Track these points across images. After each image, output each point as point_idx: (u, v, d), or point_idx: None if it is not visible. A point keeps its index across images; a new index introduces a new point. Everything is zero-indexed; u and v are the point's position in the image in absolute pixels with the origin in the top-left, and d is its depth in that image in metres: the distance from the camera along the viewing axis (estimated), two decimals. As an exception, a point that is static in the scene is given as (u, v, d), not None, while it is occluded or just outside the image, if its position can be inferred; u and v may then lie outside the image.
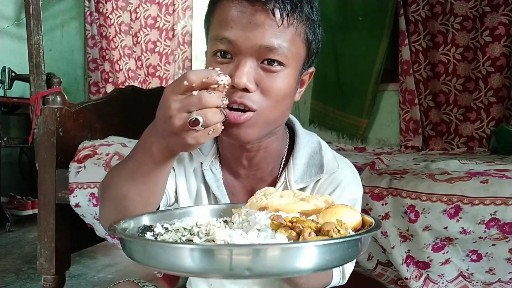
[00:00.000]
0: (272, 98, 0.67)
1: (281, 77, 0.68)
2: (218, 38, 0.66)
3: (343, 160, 0.83)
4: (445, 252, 1.11)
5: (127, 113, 1.83)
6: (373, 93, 2.76)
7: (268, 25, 0.64)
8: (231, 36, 0.65)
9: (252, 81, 0.65)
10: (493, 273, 1.10)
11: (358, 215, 0.55)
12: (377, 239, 1.17)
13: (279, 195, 0.58)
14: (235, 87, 0.64)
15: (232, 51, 0.66)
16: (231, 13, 0.65)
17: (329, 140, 2.81)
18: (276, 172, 0.80)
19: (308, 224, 0.48)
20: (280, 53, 0.66)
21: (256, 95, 0.66)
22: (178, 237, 0.51)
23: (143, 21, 3.40)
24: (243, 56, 0.65)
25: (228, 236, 0.46)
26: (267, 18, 0.64)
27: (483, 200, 1.05)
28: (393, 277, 1.23)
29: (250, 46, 0.65)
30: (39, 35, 1.53)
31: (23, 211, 3.29)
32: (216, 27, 0.68)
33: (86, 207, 1.44)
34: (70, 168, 1.48)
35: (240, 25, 0.65)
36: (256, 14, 0.64)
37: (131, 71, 3.48)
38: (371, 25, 2.72)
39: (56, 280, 1.53)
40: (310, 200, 0.57)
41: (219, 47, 0.66)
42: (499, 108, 2.43)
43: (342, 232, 0.47)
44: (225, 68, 0.66)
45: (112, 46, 3.53)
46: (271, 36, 0.65)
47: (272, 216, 0.51)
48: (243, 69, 0.64)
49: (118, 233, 0.49)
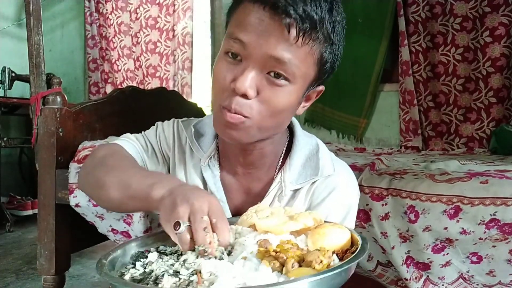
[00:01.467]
0: (269, 110, 0.67)
1: (284, 92, 0.67)
2: (232, 36, 0.66)
3: (340, 164, 0.83)
4: (445, 254, 1.11)
5: (127, 113, 1.83)
6: (373, 93, 2.76)
7: (282, 39, 0.64)
8: (245, 38, 0.65)
9: (253, 88, 0.65)
10: (493, 275, 1.10)
11: (347, 233, 0.56)
12: (377, 240, 1.17)
13: (269, 212, 0.60)
14: (236, 91, 0.65)
15: (242, 54, 0.66)
16: (249, 17, 0.65)
17: (328, 140, 2.81)
18: (273, 172, 0.81)
19: (292, 254, 0.49)
20: (288, 68, 0.65)
21: (253, 103, 0.66)
22: (165, 268, 0.52)
23: (143, 21, 3.41)
24: (251, 61, 0.65)
25: (214, 267, 0.48)
26: (282, 33, 0.64)
27: (483, 201, 1.05)
28: (393, 278, 1.23)
29: (260, 53, 0.64)
30: (39, 35, 1.53)
31: (23, 211, 3.29)
32: (233, 25, 0.68)
33: (86, 207, 1.44)
34: (70, 168, 1.48)
35: (255, 31, 0.64)
36: (273, 26, 0.63)
37: (130, 71, 3.49)
38: (371, 25, 2.73)
39: (56, 280, 1.53)
40: (298, 218, 0.58)
41: (231, 46, 0.66)
42: (499, 109, 2.44)
43: (324, 262, 0.48)
44: (232, 69, 0.67)
45: (112, 46, 3.53)
46: (282, 49, 0.64)
47: (259, 241, 0.53)
48: (247, 75, 0.65)
49: (103, 273, 0.51)
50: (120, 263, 0.57)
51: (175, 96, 2.37)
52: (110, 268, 0.54)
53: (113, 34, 3.52)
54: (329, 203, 0.77)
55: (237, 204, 0.82)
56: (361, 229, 1.18)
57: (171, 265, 0.53)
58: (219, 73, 0.68)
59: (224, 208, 0.79)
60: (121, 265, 0.57)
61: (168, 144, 0.85)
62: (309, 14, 0.63)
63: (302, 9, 0.63)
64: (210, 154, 0.81)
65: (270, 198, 0.79)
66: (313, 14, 0.64)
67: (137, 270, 0.54)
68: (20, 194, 3.55)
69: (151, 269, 0.53)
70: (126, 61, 3.50)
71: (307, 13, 0.63)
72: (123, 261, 0.58)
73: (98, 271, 0.51)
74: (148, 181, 0.64)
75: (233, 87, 0.65)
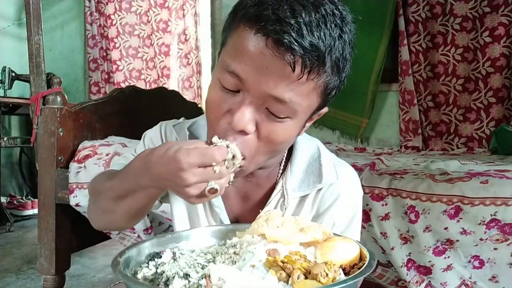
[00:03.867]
0: (267, 145, 0.63)
1: (284, 127, 0.62)
2: (228, 68, 0.60)
3: (343, 167, 0.80)
4: (446, 257, 1.10)
5: (127, 113, 1.83)
6: (373, 93, 2.76)
7: (284, 77, 0.57)
8: (242, 74, 0.58)
9: (252, 123, 0.60)
10: (496, 281, 1.09)
11: (356, 248, 0.56)
12: (377, 240, 1.17)
13: (280, 222, 0.60)
14: (232, 126, 0.60)
15: (239, 86, 0.60)
16: (249, 48, 0.57)
17: (329, 140, 2.81)
18: (273, 178, 0.78)
19: (298, 266, 0.49)
20: (289, 107, 0.59)
21: (251, 139, 0.61)
22: (176, 269, 0.54)
23: (154, 24, 3.48)
24: (249, 96, 0.59)
25: (223, 273, 0.48)
26: (285, 69, 0.56)
27: (483, 201, 1.05)
28: (394, 278, 1.23)
29: (258, 91, 0.58)
30: (39, 35, 1.53)
31: (23, 211, 3.29)
32: (230, 53, 0.61)
33: (86, 207, 1.44)
34: (70, 168, 1.48)
35: (255, 65, 0.57)
36: (274, 63, 0.56)
37: (136, 70, 3.53)
38: (371, 25, 2.72)
39: (56, 280, 1.53)
40: (308, 231, 0.58)
41: (226, 80, 0.60)
42: (499, 109, 2.43)
43: (330, 276, 0.48)
44: (227, 99, 0.61)
45: (113, 46, 3.54)
46: (283, 89, 0.58)
47: (268, 251, 0.53)
48: (245, 110, 0.59)
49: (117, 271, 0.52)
50: (134, 262, 0.57)
51: (175, 96, 2.37)
52: (125, 266, 0.54)
53: (115, 34, 3.54)
54: (335, 210, 0.76)
55: (235, 211, 0.79)
56: (361, 229, 1.18)
57: (184, 267, 0.54)
58: (212, 101, 0.63)
59: (222, 215, 0.77)
60: (136, 263, 0.57)
61: None
62: (317, 47, 0.56)
63: (308, 42, 0.55)
64: None
65: (271, 206, 0.76)
66: (321, 46, 0.56)
67: (150, 270, 0.55)
68: (20, 194, 3.55)
69: (163, 270, 0.54)
70: (131, 61, 3.54)
71: (314, 47, 0.56)
72: (138, 259, 0.58)
73: (113, 268, 0.52)
74: (132, 180, 0.63)
75: (229, 121, 0.60)
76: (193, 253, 0.61)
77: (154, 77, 3.52)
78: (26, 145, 3.51)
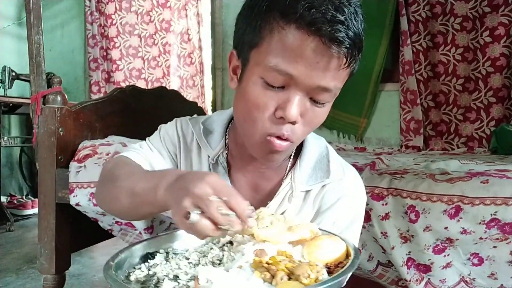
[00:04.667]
0: (311, 128, 0.71)
1: (323, 111, 0.69)
2: (277, 69, 0.63)
3: (349, 168, 0.84)
4: (446, 255, 1.10)
5: (127, 113, 1.83)
6: (373, 93, 2.76)
7: (332, 68, 0.63)
8: (294, 72, 0.62)
9: (299, 113, 0.66)
10: (495, 278, 1.09)
11: (342, 246, 0.57)
12: (377, 239, 1.17)
13: (269, 222, 0.62)
14: (284, 119, 0.65)
15: (287, 83, 0.64)
16: (302, 48, 0.61)
17: (329, 140, 2.80)
18: (283, 172, 0.81)
19: (282, 267, 0.51)
20: (332, 93, 0.66)
21: (299, 127, 0.68)
22: (167, 271, 0.55)
23: (157, 24, 3.52)
24: (298, 90, 0.64)
25: (210, 275, 0.50)
26: (335, 62, 0.63)
27: (483, 200, 1.05)
28: (394, 278, 1.23)
29: (308, 84, 0.64)
30: (40, 34, 1.53)
31: (23, 211, 3.29)
32: (274, 55, 0.63)
33: (87, 206, 1.44)
34: (70, 167, 1.48)
35: (307, 63, 0.62)
36: (327, 57, 0.62)
37: (136, 70, 3.56)
38: (371, 25, 2.70)
39: (56, 279, 1.53)
40: (296, 230, 0.60)
41: (275, 78, 0.64)
42: (499, 108, 2.44)
43: (312, 277, 0.49)
44: (274, 96, 0.65)
45: (113, 45, 3.54)
46: (330, 79, 0.64)
47: (256, 251, 0.55)
48: (295, 103, 0.64)
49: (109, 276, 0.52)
50: (128, 264, 0.58)
51: (175, 96, 2.37)
52: (117, 268, 0.55)
53: (116, 34, 3.55)
54: (337, 209, 0.77)
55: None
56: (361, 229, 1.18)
57: (176, 268, 0.55)
58: (259, 100, 0.66)
59: None
60: (129, 265, 0.58)
61: (174, 144, 0.85)
62: (358, 37, 0.63)
63: (353, 33, 0.62)
64: (219, 151, 0.81)
65: (280, 198, 0.78)
66: (359, 36, 0.63)
67: (142, 272, 0.56)
68: (20, 194, 3.56)
69: (155, 271, 0.55)
70: (131, 61, 3.56)
71: (358, 38, 0.63)
72: (132, 261, 0.59)
73: (104, 273, 0.53)
74: (150, 185, 0.62)
75: (281, 115, 0.65)
76: (187, 252, 0.62)
77: (157, 76, 3.56)
78: (26, 144, 3.51)
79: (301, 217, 0.78)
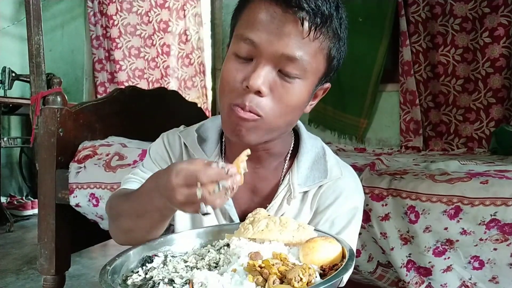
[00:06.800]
0: (282, 107, 0.68)
1: (296, 88, 0.67)
2: (242, 37, 0.66)
3: (346, 167, 0.84)
4: (446, 258, 1.10)
5: (127, 113, 1.83)
6: (373, 93, 2.76)
7: (294, 35, 0.64)
8: (255, 38, 0.65)
9: (266, 85, 0.65)
10: (496, 282, 1.08)
11: (337, 248, 0.58)
12: (377, 240, 1.17)
13: (265, 225, 0.63)
14: (249, 88, 0.65)
15: (253, 53, 0.66)
16: (260, 15, 0.65)
17: (329, 140, 2.81)
18: (280, 173, 0.81)
19: (275, 270, 0.51)
20: (300, 65, 0.66)
21: (266, 101, 0.66)
22: (164, 274, 0.56)
23: (155, 25, 3.51)
24: (263, 59, 0.65)
25: (205, 279, 0.51)
26: (295, 27, 0.64)
27: (483, 201, 1.05)
28: (394, 279, 1.23)
29: (271, 52, 0.64)
30: (40, 35, 1.53)
31: (23, 211, 3.29)
32: (242, 26, 0.68)
33: (86, 207, 1.44)
34: (70, 168, 1.48)
35: (266, 29, 0.64)
36: (285, 22, 0.64)
37: (138, 70, 3.56)
38: (371, 25, 2.73)
39: (56, 280, 1.53)
40: (288, 230, 0.61)
41: (241, 47, 0.66)
42: (499, 109, 2.44)
43: (304, 280, 0.49)
44: (242, 68, 0.67)
45: (115, 46, 3.54)
46: (294, 47, 0.64)
47: (250, 254, 0.56)
48: (260, 72, 0.65)
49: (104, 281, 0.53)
50: (126, 267, 0.59)
51: (175, 97, 2.37)
52: (114, 272, 0.56)
53: (118, 35, 3.56)
54: (335, 208, 0.78)
55: (243, 205, 0.81)
56: (361, 230, 1.18)
57: (172, 271, 0.56)
58: (228, 73, 0.68)
59: (232, 212, 0.79)
60: (127, 269, 0.59)
61: (165, 161, 0.85)
62: (321, 8, 0.64)
63: (314, 3, 0.63)
64: (215, 158, 0.81)
65: (279, 200, 0.78)
66: (324, 9, 0.64)
67: (139, 276, 0.57)
68: (20, 194, 3.55)
69: (151, 275, 0.56)
70: (133, 61, 3.57)
71: (318, 8, 0.64)
72: (130, 265, 0.60)
73: (99, 278, 0.53)
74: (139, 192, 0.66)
75: (245, 85, 0.65)
76: (185, 255, 0.63)
77: (156, 77, 3.55)
78: (26, 145, 3.51)
79: (299, 219, 0.78)
